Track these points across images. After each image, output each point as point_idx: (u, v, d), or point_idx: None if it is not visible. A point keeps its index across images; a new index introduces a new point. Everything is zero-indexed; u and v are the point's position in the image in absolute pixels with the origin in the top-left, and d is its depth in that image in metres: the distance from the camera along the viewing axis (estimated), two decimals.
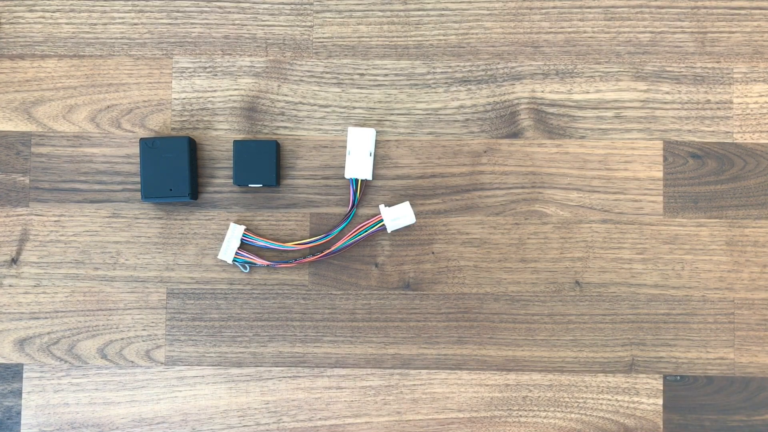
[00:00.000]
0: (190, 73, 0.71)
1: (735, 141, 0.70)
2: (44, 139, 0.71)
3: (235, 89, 0.71)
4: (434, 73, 0.71)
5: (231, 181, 0.70)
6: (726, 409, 0.70)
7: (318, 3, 0.71)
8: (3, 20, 0.72)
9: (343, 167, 0.70)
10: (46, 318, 0.70)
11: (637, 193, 0.70)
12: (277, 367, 0.70)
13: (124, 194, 0.71)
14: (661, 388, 0.70)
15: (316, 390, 0.70)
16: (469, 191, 0.70)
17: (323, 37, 0.71)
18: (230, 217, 0.71)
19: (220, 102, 0.71)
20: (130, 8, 0.72)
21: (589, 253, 0.70)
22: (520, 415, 0.70)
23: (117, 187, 0.71)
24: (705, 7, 0.71)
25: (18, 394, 0.70)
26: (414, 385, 0.70)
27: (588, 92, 0.71)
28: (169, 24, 0.72)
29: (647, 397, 0.69)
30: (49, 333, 0.70)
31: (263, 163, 0.68)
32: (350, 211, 0.69)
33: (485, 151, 0.71)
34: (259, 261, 0.69)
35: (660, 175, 0.70)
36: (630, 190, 0.70)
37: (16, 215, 0.71)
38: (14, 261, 0.70)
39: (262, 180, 0.68)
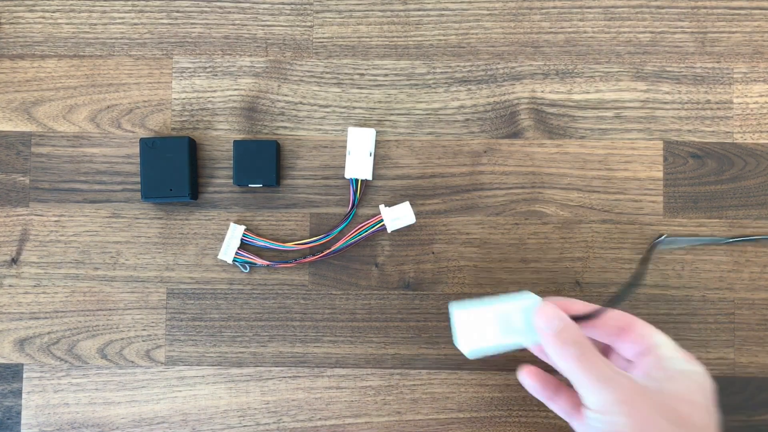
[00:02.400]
0: (190, 73, 0.71)
1: (735, 141, 0.70)
2: (44, 139, 0.71)
3: (235, 89, 0.71)
4: (434, 73, 0.71)
5: (231, 181, 0.70)
6: (726, 409, 0.70)
7: (318, 3, 0.71)
8: (3, 20, 0.72)
9: (343, 167, 0.70)
10: (46, 318, 0.70)
11: (637, 193, 0.70)
12: (277, 367, 0.70)
13: (124, 194, 0.71)
14: None
15: (316, 390, 0.70)
16: (469, 191, 0.70)
17: (323, 37, 0.71)
18: (230, 217, 0.71)
19: (220, 102, 0.71)
20: (130, 8, 0.72)
21: (589, 253, 0.70)
22: (521, 415, 0.70)
23: (117, 187, 0.71)
24: (705, 7, 0.71)
25: (18, 394, 0.70)
26: (414, 385, 0.70)
27: (588, 92, 0.71)
28: (169, 24, 0.72)
29: None
30: (49, 333, 0.70)
31: (263, 163, 0.68)
32: (350, 211, 0.69)
33: (485, 151, 0.71)
34: (259, 261, 0.69)
35: (660, 175, 0.70)
36: (630, 190, 0.70)
37: (16, 215, 0.71)
38: (14, 261, 0.70)
39: (262, 180, 0.68)
